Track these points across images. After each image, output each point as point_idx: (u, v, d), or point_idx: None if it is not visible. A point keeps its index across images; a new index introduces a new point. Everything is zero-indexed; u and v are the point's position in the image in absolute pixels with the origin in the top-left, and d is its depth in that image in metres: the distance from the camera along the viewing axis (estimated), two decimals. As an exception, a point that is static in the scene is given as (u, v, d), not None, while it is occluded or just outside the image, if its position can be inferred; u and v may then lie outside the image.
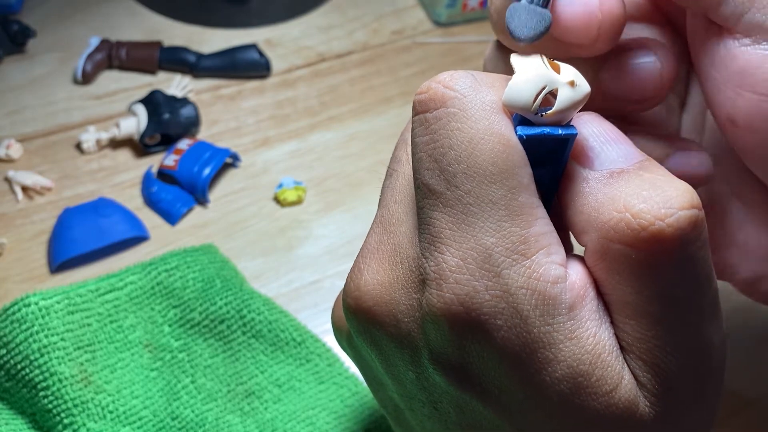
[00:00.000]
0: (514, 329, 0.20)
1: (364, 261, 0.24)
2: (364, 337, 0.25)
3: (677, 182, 0.20)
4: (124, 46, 0.60)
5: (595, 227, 0.21)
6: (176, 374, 0.41)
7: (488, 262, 0.20)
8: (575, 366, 0.20)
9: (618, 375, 0.21)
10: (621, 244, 0.20)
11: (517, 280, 0.20)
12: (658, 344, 0.21)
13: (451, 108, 0.21)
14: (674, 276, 0.20)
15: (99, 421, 0.37)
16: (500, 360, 0.21)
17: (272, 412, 0.40)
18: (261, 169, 0.55)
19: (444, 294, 0.21)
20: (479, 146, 0.21)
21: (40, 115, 0.57)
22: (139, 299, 0.42)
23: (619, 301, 0.21)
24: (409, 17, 0.70)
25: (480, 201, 0.20)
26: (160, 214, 0.51)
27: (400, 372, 0.24)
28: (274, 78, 0.62)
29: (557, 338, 0.20)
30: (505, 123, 0.21)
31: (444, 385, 0.22)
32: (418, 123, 0.22)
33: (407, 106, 0.61)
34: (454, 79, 0.21)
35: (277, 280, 0.48)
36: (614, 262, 0.20)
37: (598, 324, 0.21)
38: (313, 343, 0.43)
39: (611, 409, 0.21)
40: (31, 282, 0.47)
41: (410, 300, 0.22)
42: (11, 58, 0.61)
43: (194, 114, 0.55)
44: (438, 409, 0.24)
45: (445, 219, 0.21)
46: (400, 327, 0.23)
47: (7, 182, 0.52)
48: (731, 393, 0.45)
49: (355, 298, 0.24)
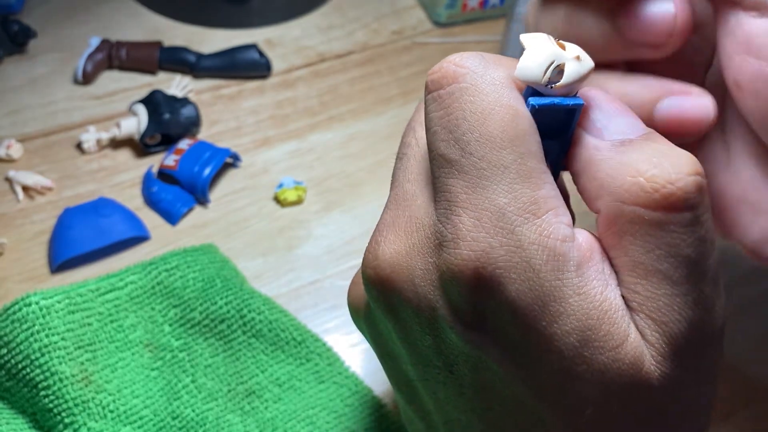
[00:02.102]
0: (528, 282, 0.22)
1: (381, 234, 0.25)
2: (382, 305, 0.26)
3: (681, 151, 0.22)
4: (125, 46, 0.60)
5: (609, 192, 0.22)
6: (177, 374, 0.41)
7: (502, 221, 0.22)
8: (584, 320, 0.22)
9: (624, 332, 0.22)
10: (635, 206, 0.22)
11: (529, 237, 0.22)
12: (667, 302, 0.22)
13: (463, 83, 0.23)
14: (683, 236, 0.22)
15: (100, 421, 0.37)
16: (514, 313, 0.22)
17: (272, 412, 0.40)
18: (261, 169, 0.55)
19: (462, 251, 0.22)
20: (491, 116, 0.22)
21: (40, 115, 0.57)
22: (139, 299, 0.42)
23: (631, 262, 0.22)
24: (409, 17, 0.70)
25: (492, 165, 0.22)
26: (160, 214, 0.51)
27: (416, 338, 0.25)
28: (274, 78, 0.62)
29: (566, 293, 0.22)
30: (513, 95, 0.23)
31: (460, 344, 0.23)
32: (432, 100, 0.24)
33: (407, 106, 0.61)
34: (464, 58, 0.23)
35: (277, 280, 0.48)
36: (628, 224, 0.22)
37: (604, 284, 0.22)
38: (313, 342, 0.43)
39: (618, 363, 0.22)
40: (32, 282, 0.47)
41: (426, 264, 0.24)
42: (12, 58, 0.61)
43: (194, 114, 0.55)
44: (453, 373, 0.25)
45: (460, 185, 0.22)
46: (417, 290, 0.24)
47: (8, 182, 0.52)
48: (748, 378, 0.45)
49: (374, 267, 0.25)
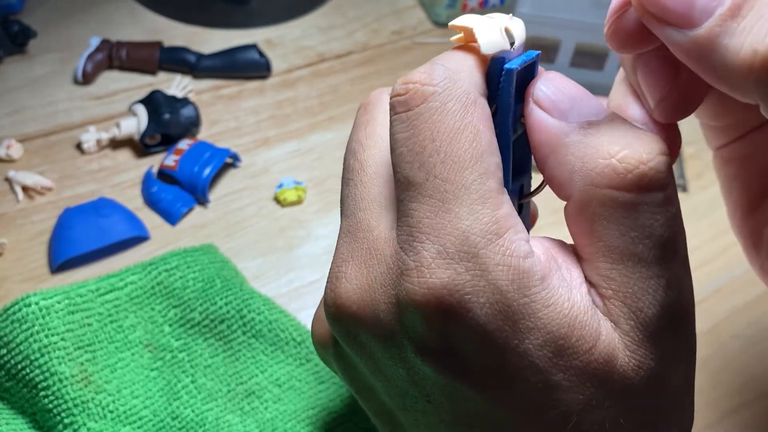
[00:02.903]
0: (496, 305, 0.21)
1: (339, 269, 0.25)
2: (350, 342, 0.25)
3: (645, 132, 0.22)
4: (125, 47, 0.60)
5: (581, 176, 0.22)
6: (176, 374, 0.41)
7: (466, 244, 0.22)
8: (555, 330, 0.22)
9: (596, 332, 0.22)
10: (608, 188, 0.22)
11: (493, 258, 0.22)
12: (642, 287, 0.22)
13: (432, 103, 0.22)
14: (656, 215, 0.22)
15: (99, 421, 0.37)
16: (485, 337, 0.22)
17: (272, 412, 0.40)
18: (261, 169, 0.55)
19: (427, 280, 0.22)
20: (458, 136, 0.22)
21: (40, 115, 0.57)
22: (139, 299, 0.42)
23: (605, 247, 0.22)
24: (409, 17, 0.70)
25: (456, 187, 0.22)
26: (160, 214, 0.51)
27: (389, 371, 0.25)
28: (274, 78, 0.62)
29: (535, 308, 0.22)
30: (477, 112, 0.23)
31: (433, 375, 0.23)
32: (399, 121, 0.23)
33: (407, 106, 0.61)
34: (430, 77, 0.23)
35: (277, 280, 0.49)
36: (601, 207, 0.22)
37: (568, 289, 0.22)
38: (313, 342, 0.43)
39: (593, 364, 0.22)
40: (32, 282, 0.47)
41: (389, 297, 0.23)
42: (12, 59, 0.61)
43: (194, 114, 0.55)
44: (431, 402, 0.24)
45: (423, 209, 0.22)
46: (383, 325, 0.23)
47: (8, 182, 0.52)
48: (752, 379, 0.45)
49: (337, 306, 0.25)
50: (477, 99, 0.23)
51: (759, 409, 0.45)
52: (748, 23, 0.19)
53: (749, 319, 0.49)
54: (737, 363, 0.47)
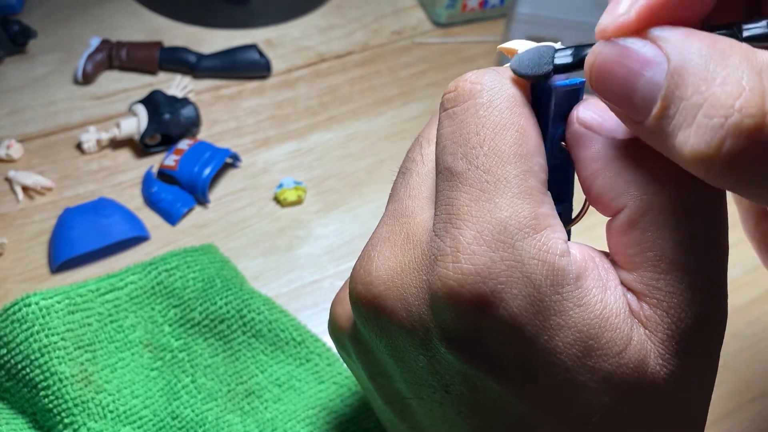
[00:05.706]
0: (529, 298, 0.21)
1: (375, 249, 0.25)
2: (372, 325, 0.25)
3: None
4: (125, 47, 0.60)
5: (640, 185, 0.22)
6: (176, 374, 0.41)
7: (503, 234, 0.22)
8: (585, 330, 0.22)
9: (627, 336, 0.22)
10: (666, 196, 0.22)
11: (529, 252, 0.22)
12: (687, 297, 0.22)
13: (479, 99, 0.23)
14: (711, 225, 0.22)
15: (99, 421, 0.37)
16: (515, 329, 0.22)
17: (272, 412, 0.40)
18: (261, 169, 0.55)
19: (462, 266, 0.22)
20: (503, 131, 0.23)
21: (40, 115, 0.57)
22: (139, 299, 0.42)
23: (656, 257, 0.22)
24: (409, 17, 0.70)
25: (497, 179, 0.22)
26: (160, 214, 0.51)
27: (410, 358, 0.25)
28: (274, 78, 0.62)
29: (567, 306, 0.22)
30: (525, 113, 0.23)
31: (457, 364, 0.23)
32: (446, 116, 0.24)
33: (407, 106, 0.61)
34: (480, 75, 0.24)
35: (277, 280, 0.49)
36: (660, 215, 0.22)
37: (603, 291, 0.22)
38: (313, 342, 0.43)
39: (622, 368, 0.22)
40: (32, 282, 0.47)
41: (420, 282, 0.23)
42: (12, 59, 0.61)
43: (194, 114, 0.55)
44: (450, 392, 0.24)
45: (463, 197, 0.22)
46: (410, 310, 0.23)
47: (8, 182, 0.52)
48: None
49: (365, 284, 0.25)
50: (525, 103, 0.23)
51: (759, 409, 0.45)
52: (677, 122, 0.19)
53: (749, 319, 0.49)
54: (737, 363, 0.47)
